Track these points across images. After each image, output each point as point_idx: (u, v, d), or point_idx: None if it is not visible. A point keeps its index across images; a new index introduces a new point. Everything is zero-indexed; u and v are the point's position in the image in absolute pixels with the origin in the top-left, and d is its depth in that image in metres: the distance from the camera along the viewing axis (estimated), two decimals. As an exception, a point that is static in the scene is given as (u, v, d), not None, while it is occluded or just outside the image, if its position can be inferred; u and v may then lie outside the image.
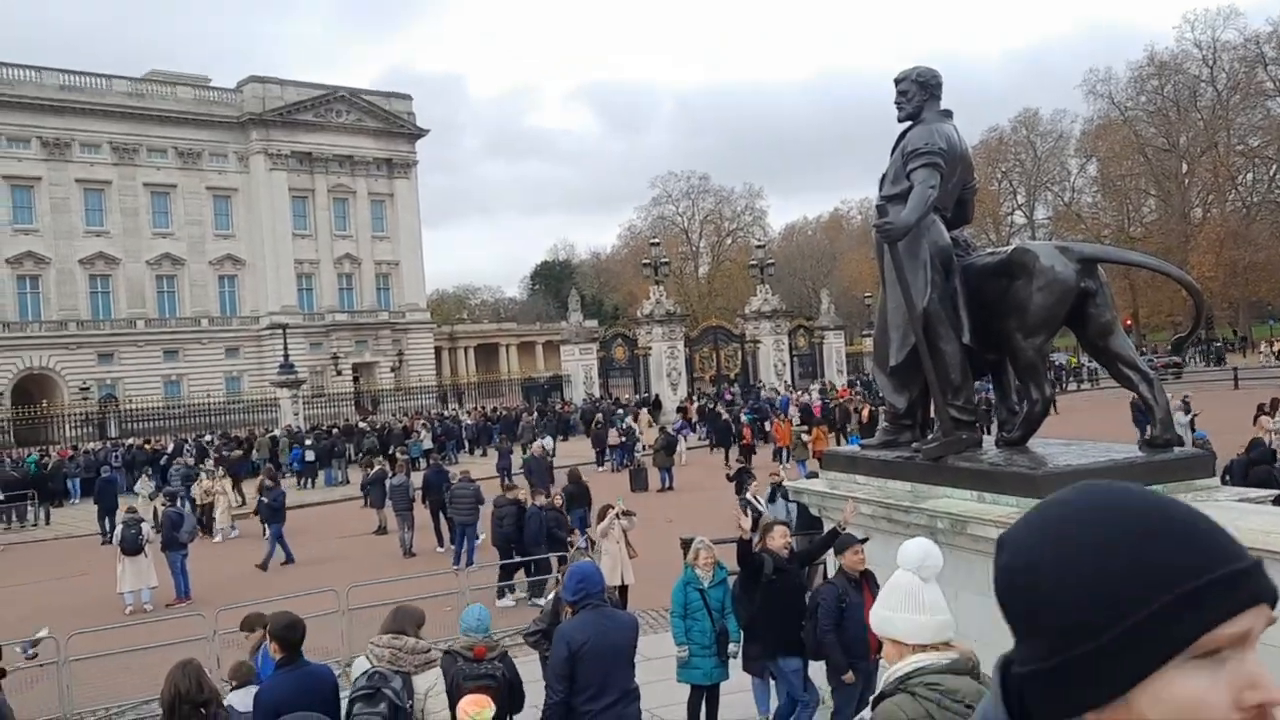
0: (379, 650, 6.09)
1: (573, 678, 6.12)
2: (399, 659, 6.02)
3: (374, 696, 5.78)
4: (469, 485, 19.25)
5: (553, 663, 6.29)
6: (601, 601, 6.47)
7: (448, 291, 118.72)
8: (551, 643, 6.63)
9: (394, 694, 5.77)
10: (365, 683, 5.86)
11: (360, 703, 5.79)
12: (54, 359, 59.07)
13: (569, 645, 6.15)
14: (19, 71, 59.54)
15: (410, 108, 74.15)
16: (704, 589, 8.53)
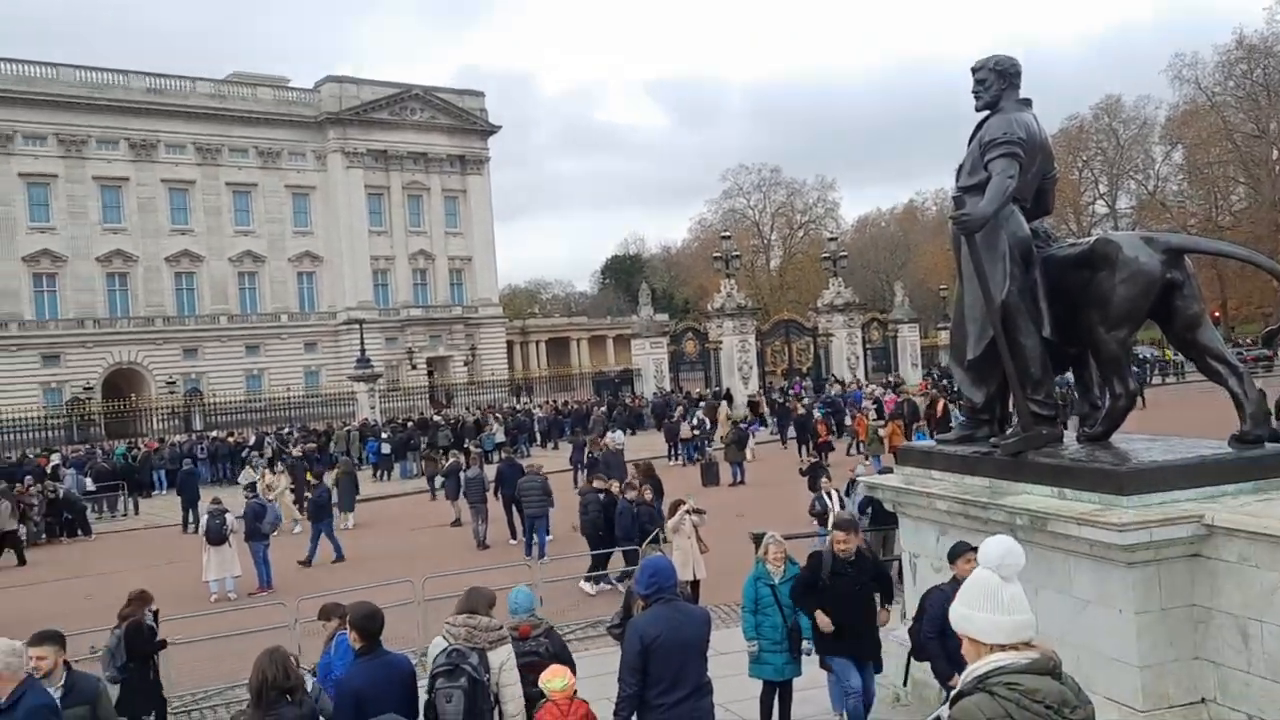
0: (455, 629, 6.45)
1: (645, 671, 6.15)
2: (474, 636, 6.39)
3: (454, 671, 6.17)
4: (537, 478, 19.51)
5: (625, 656, 6.31)
6: (674, 595, 6.49)
7: (519, 286, 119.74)
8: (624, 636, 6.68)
9: (472, 668, 6.18)
10: (445, 660, 6.24)
11: (442, 678, 6.17)
12: (142, 354, 61.00)
13: (642, 639, 6.18)
14: (108, 75, 61.57)
15: (483, 104, 74.94)
16: (775, 584, 8.47)
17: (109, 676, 9.40)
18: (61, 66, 60.06)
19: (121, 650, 9.32)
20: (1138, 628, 6.29)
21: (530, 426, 39.96)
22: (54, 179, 58.98)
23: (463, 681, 6.13)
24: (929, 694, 8.22)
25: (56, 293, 59.55)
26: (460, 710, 6.08)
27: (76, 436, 47.02)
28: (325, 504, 20.56)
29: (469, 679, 6.15)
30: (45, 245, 58.76)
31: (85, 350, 59.35)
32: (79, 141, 59.49)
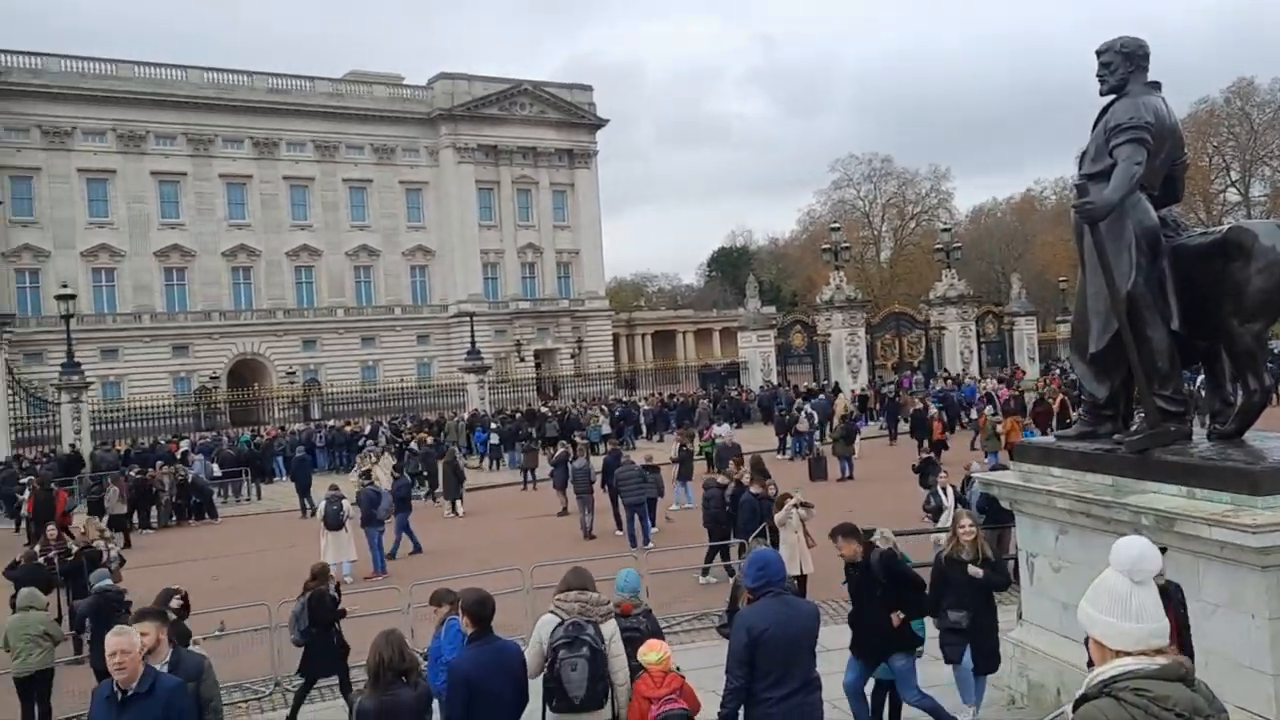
0: (568, 605, 6.71)
1: (753, 663, 6.13)
2: (587, 611, 6.67)
3: (575, 643, 6.48)
4: (634, 466, 19.66)
5: (733, 648, 6.31)
6: (782, 589, 6.47)
7: (626, 279, 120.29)
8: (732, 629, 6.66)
9: (591, 639, 6.50)
10: (564, 633, 6.53)
11: (564, 649, 6.47)
12: (264, 345, 63.36)
13: (749, 631, 6.16)
14: (233, 77, 64.04)
15: (591, 98, 75.48)
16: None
17: (293, 640, 10.56)
18: (190, 69, 62.71)
19: (305, 616, 10.39)
20: (1271, 634, 6.02)
21: (636, 419, 40.13)
22: (183, 177, 61.66)
23: (585, 651, 6.45)
24: (1045, 696, 7.99)
25: (185, 286, 62.26)
26: (585, 678, 6.41)
27: (204, 424, 49.09)
28: (405, 497, 20.73)
29: (590, 649, 6.47)
30: (175, 241, 61.47)
31: (212, 341, 61.94)
32: (206, 140, 62.05)
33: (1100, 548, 7.21)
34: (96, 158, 59.04)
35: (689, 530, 18.32)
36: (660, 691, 6.49)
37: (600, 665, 6.50)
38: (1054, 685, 7.82)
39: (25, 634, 10.54)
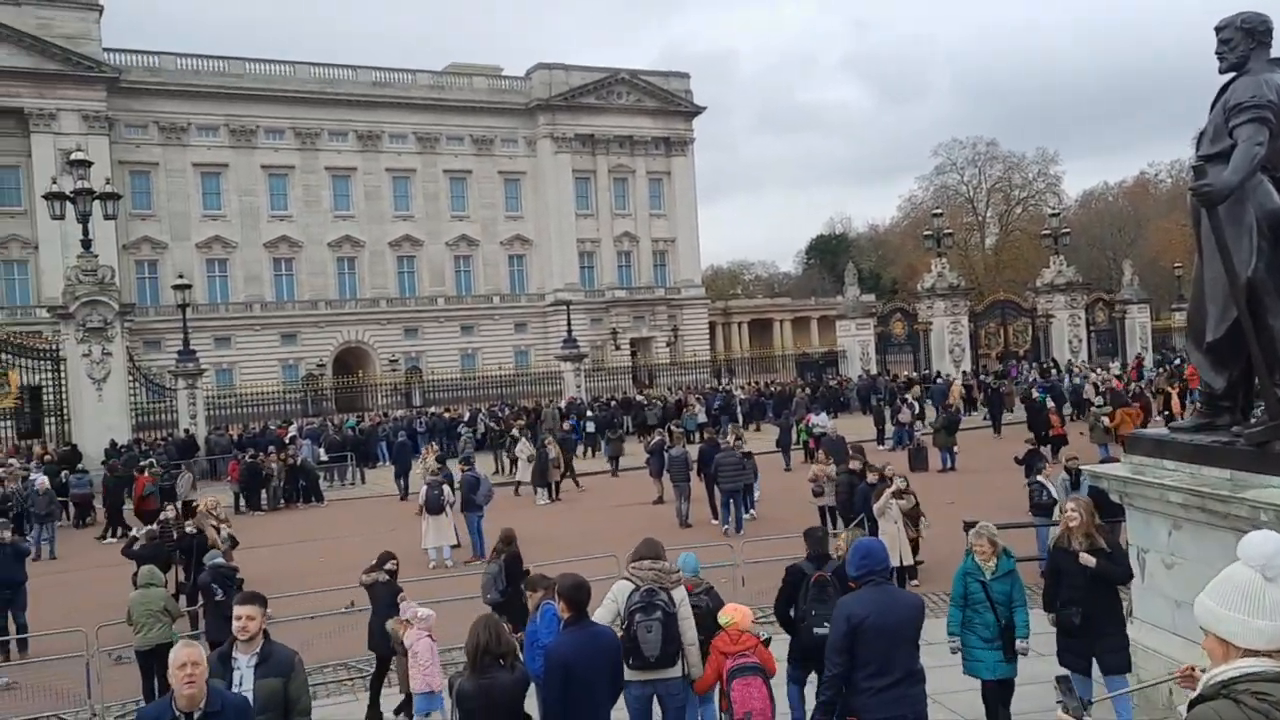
0: (643, 573, 7.24)
1: (852, 652, 6.13)
2: (660, 578, 7.21)
3: (649, 607, 7.04)
4: (733, 453, 19.60)
5: (832, 636, 6.33)
6: (885, 579, 6.49)
7: (722, 267, 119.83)
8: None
9: (664, 604, 7.06)
10: (639, 598, 7.09)
11: (640, 613, 7.03)
12: (368, 333, 64.97)
13: (849, 620, 6.17)
14: (338, 71, 65.67)
15: (688, 86, 75.27)
16: (985, 580, 7.93)
17: (490, 599, 11.13)
18: (298, 64, 64.54)
19: (502, 577, 11.25)
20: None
21: (732, 408, 39.98)
22: (291, 170, 63.54)
23: (658, 615, 7.01)
24: (1157, 697, 7.72)
25: (293, 276, 64.21)
26: (659, 638, 6.99)
27: (310, 410, 50.58)
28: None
29: (663, 613, 7.04)
30: (284, 232, 63.41)
31: (318, 330, 63.77)
32: (313, 134, 63.80)
33: (1216, 544, 6.93)
34: (210, 152, 61.24)
35: (782, 519, 18.17)
36: (736, 648, 7.03)
37: (672, 627, 7.06)
38: (1165, 685, 7.54)
39: (147, 609, 11.03)
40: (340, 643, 12.65)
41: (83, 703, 11.13)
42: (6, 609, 13.94)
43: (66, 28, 56.14)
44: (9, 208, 55.61)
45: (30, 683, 11.88)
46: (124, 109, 58.18)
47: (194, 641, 5.63)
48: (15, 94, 54.63)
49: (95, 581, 18.06)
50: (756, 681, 6.99)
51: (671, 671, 7.14)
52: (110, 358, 32.66)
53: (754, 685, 6.96)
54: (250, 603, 6.27)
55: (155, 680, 11.04)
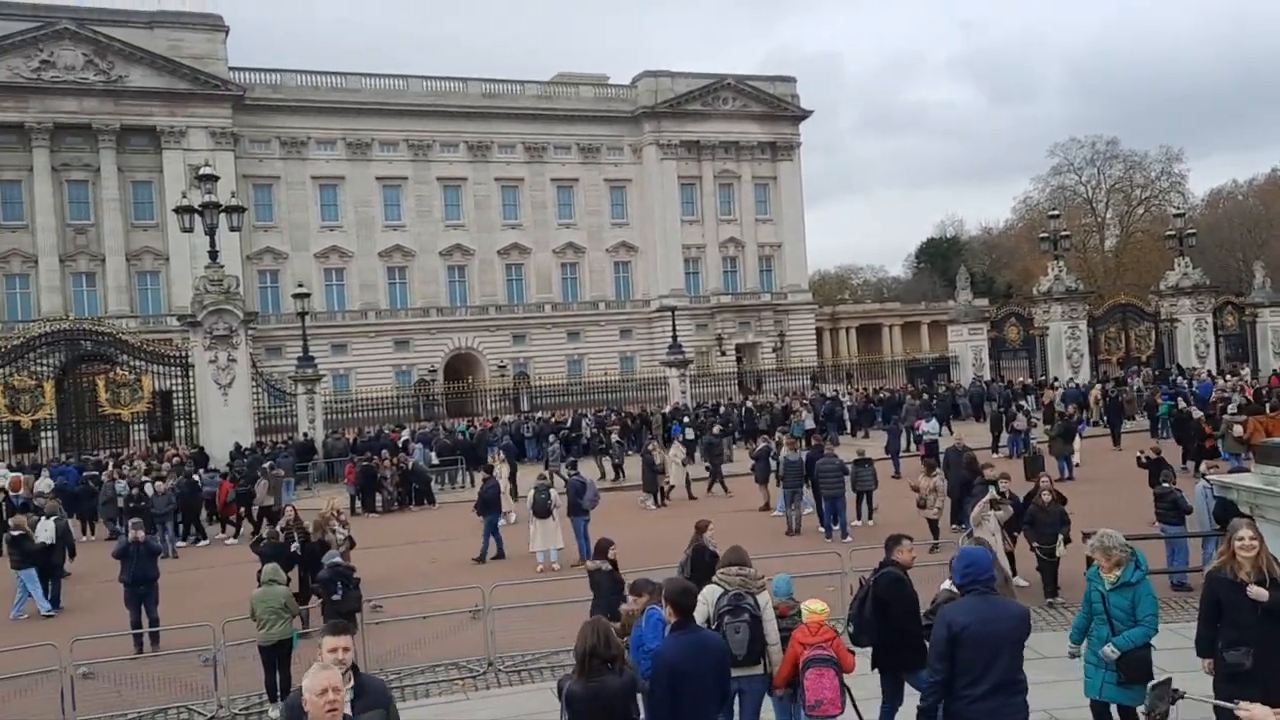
0: (730, 578, 7.77)
1: (953, 659, 6.15)
2: (747, 583, 7.71)
3: (737, 610, 7.53)
4: (834, 459, 19.43)
5: (933, 643, 6.37)
6: (989, 588, 6.48)
7: (829, 271, 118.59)
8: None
9: (751, 608, 7.56)
10: (728, 601, 7.60)
11: (728, 615, 7.52)
12: (477, 340, 66.20)
13: (950, 627, 6.22)
14: (449, 84, 67.16)
15: (794, 90, 74.72)
16: (1104, 591, 7.51)
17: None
18: (411, 78, 66.21)
19: (688, 567, 11.54)
20: None
21: (840, 414, 39.41)
22: (404, 181, 65.20)
23: (745, 617, 7.50)
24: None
25: (406, 284, 65.84)
26: (746, 639, 7.46)
27: (422, 414, 51.72)
28: (493, 499, 20.31)
29: (750, 615, 7.53)
30: (397, 242, 65.07)
31: (430, 337, 65.23)
32: (425, 145, 65.36)
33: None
34: (328, 165, 63.28)
35: (895, 525, 17.78)
36: (814, 639, 7.44)
37: (757, 629, 7.57)
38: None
39: (269, 606, 11.41)
40: (452, 643, 12.88)
41: (210, 695, 11.56)
42: (140, 604, 14.59)
43: (195, 49, 58.76)
44: (143, 221, 58.43)
45: (161, 675, 12.40)
46: (248, 125, 60.58)
47: (332, 665, 5.17)
48: (149, 113, 57.42)
49: (218, 579, 18.78)
50: (829, 672, 7.33)
51: (755, 669, 7.63)
52: (235, 364, 34.00)
53: (826, 676, 7.32)
54: (343, 633, 5.81)
55: (277, 674, 11.42)
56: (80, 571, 19.96)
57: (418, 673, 12.34)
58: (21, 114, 54.80)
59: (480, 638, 12.47)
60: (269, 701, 11.45)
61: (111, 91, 56.40)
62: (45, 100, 55.22)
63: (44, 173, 55.64)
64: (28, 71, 54.77)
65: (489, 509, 19.98)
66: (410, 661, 12.65)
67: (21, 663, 11.75)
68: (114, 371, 34.97)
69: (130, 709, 11.58)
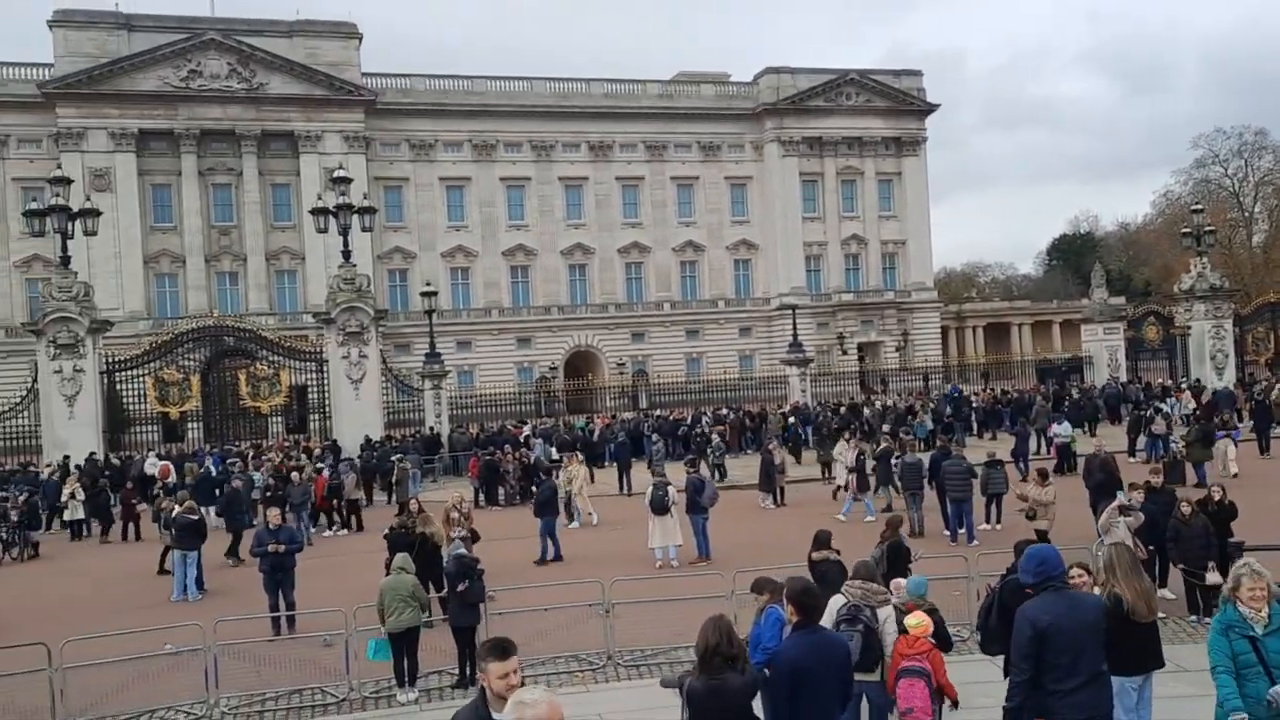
0: (853, 590, 8.27)
1: (1038, 657, 6.26)
2: (867, 596, 8.17)
3: (854, 620, 7.97)
4: (961, 461, 18.96)
5: (1016, 642, 6.43)
6: (1063, 584, 6.64)
7: (955, 269, 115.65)
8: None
9: (866, 619, 7.99)
10: (846, 610, 8.04)
11: (845, 624, 7.95)
12: (597, 338, 66.87)
13: (1033, 624, 6.29)
14: (572, 85, 68.01)
15: (920, 84, 73.22)
16: (1255, 635, 6.31)
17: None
18: (535, 80, 67.30)
19: (884, 562, 11.87)
20: None
21: (966, 414, 38.41)
22: (528, 181, 66.33)
23: (860, 627, 7.91)
24: None
25: (529, 283, 66.96)
26: (859, 647, 7.75)
27: (543, 410, 52.50)
28: (547, 501, 20.13)
29: (865, 626, 7.94)
30: (520, 241, 66.25)
31: (551, 334, 66.21)
32: (548, 146, 66.36)
33: None
34: (455, 167, 64.86)
35: (1024, 530, 17.25)
36: (910, 651, 7.84)
37: (872, 639, 7.93)
38: None
39: (398, 594, 11.78)
40: (572, 636, 13.06)
41: (342, 677, 12.00)
42: (278, 589, 15.24)
43: (330, 55, 61.00)
44: (281, 223, 61.00)
45: (297, 657, 12.93)
46: (379, 129, 62.55)
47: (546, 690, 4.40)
48: (287, 118, 59.89)
49: (349, 566, 19.46)
50: (919, 683, 7.67)
51: (871, 676, 7.95)
52: (366, 360, 35.18)
53: (916, 686, 7.67)
54: (509, 656, 4.80)
55: (405, 661, 11.78)
56: (222, 558, 20.93)
57: (539, 664, 12.54)
58: (171, 121, 57.85)
59: (600, 632, 12.60)
60: (397, 686, 11.82)
61: (253, 98, 59.04)
62: (193, 108, 58.17)
63: (191, 177, 58.61)
64: (177, 81, 57.77)
65: (545, 511, 19.86)
66: (531, 653, 12.85)
67: (171, 640, 12.42)
68: (254, 366, 36.53)
69: (268, 688, 12.11)
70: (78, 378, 32.54)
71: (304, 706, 11.72)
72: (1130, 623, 7.58)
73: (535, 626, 13.43)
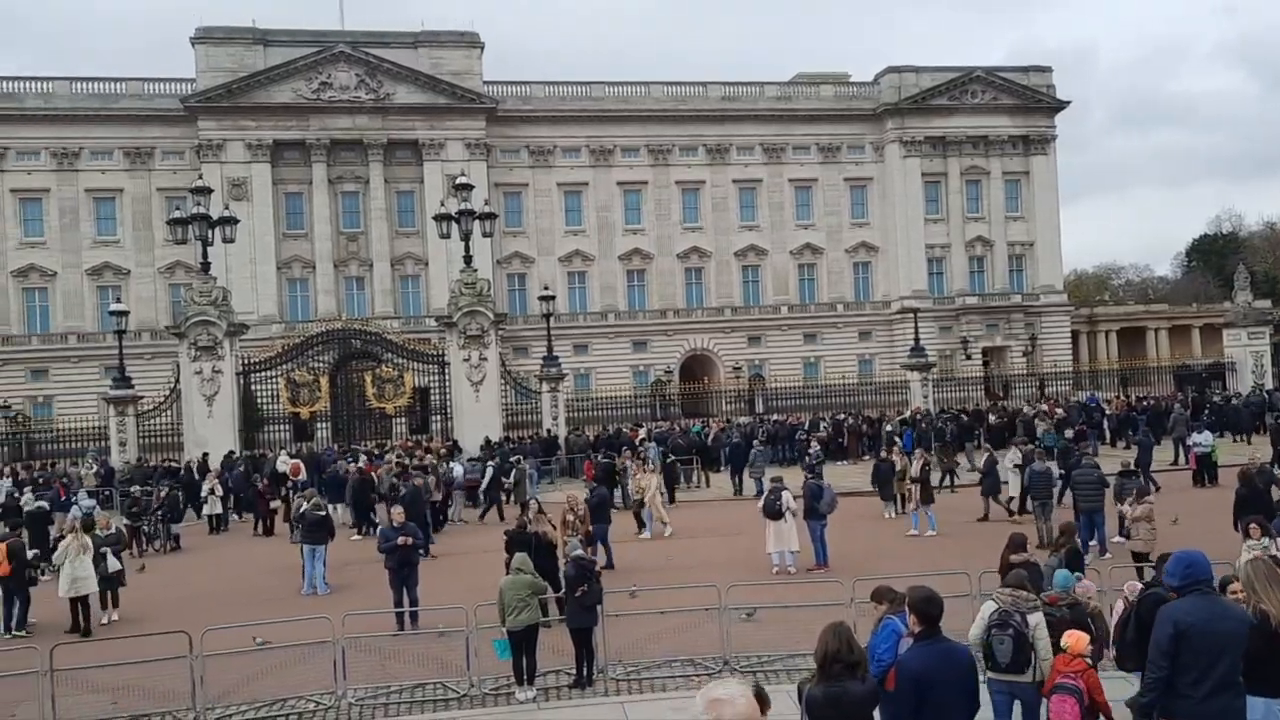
0: (1004, 596, 8.63)
1: (1175, 657, 6.24)
2: (1017, 603, 8.47)
3: (1004, 625, 8.30)
4: (1093, 471, 18.38)
5: (1156, 639, 6.44)
6: (1210, 589, 6.62)
7: (1086, 271, 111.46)
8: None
9: (1017, 624, 8.30)
10: (997, 616, 8.37)
11: (995, 629, 8.30)
12: (713, 341, 66.71)
13: (1175, 624, 6.28)
14: (689, 89, 67.98)
15: (1049, 80, 70.85)
16: None
17: None
18: (652, 84, 67.54)
19: (1063, 562, 11.90)
20: None
21: (1099, 422, 36.93)
22: (644, 185, 66.62)
23: (1010, 632, 8.26)
24: None
25: (644, 287, 67.20)
26: (1009, 650, 8.21)
27: (658, 414, 52.64)
28: (597, 507, 19.63)
29: (1015, 631, 8.26)
30: (636, 245, 66.53)
31: (667, 338, 66.34)
32: (665, 150, 66.54)
33: None
34: (572, 172, 65.62)
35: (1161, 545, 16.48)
36: (1065, 668, 7.96)
37: (1022, 643, 8.24)
38: None
39: (518, 593, 11.94)
40: (687, 639, 13.04)
41: (463, 674, 12.23)
42: (403, 585, 15.63)
43: (454, 65, 62.50)
44: (406, 229, 62.74)
45: (421, 652, 13.24)
46: (499, 135, 63.75)
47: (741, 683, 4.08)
48: (411, 127, 61.60)
49: (471, 565, 19.83)
50: (1070, 700, 7.76)
51: (1022, 677, 8.26)
52: (486, 362, 35.88)
53: (1067, 703, 7.76)
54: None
55: (524, 659, 11.92)
56: (349, 556, 21.58)
57: (655, 666, 12.56)
58: (303, 132, 60.13)
59: (716, 636, 12.53)
60: (516, 684, 11.97)
61: (380, 108, 60.91)
62: (323, 119, 60.35)
63: (321, 185, 60.82)
64: (308, 92, 60.02)
65: (597, 518, 19.34)
66: (646, 655, 12.89)
67: (301, 634, 12.87)
68: (380, 368, 37.63)
69: (393, 681, 12.42)
70: (216, 378, 34.06)
71: (426, 701, 11.99)
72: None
73: (649, 629, 13.45)
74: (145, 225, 59.48)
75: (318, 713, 11.66)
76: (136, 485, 27.60)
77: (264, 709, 11.79)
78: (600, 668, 12.25)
